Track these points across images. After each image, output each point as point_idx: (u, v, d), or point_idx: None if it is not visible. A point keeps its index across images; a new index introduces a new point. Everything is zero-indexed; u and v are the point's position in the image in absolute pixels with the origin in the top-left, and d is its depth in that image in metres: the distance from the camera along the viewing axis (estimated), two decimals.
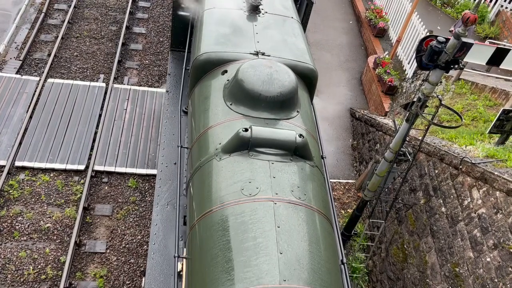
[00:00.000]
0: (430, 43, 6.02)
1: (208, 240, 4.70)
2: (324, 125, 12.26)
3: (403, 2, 13.12)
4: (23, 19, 13.41)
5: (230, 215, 4.71)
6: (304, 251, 4.45)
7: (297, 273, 4.21)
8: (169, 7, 14.77)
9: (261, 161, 5.10)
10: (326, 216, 5.19)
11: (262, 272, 4.16)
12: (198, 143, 5.83)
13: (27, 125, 10.59)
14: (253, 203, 4.71)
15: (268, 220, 4.55)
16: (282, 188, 4.88)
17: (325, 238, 4.89)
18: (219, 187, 5.02)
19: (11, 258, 8.49)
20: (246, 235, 4.47)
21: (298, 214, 4.76)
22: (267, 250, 4.31)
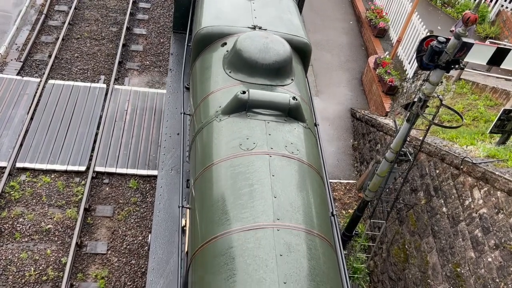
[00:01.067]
0: (431, 43, 6.02)
1: (209, 190, 5.15)
2: (324, 125, 12.26)
3: (404, 2, 13.12)
4: (23, 21, 13.42)
5: (229, 166, 5.15)
6: (296, 196, 4.91)
7: (289, 214, 4.67)
8: (170, 8, 14.78)
9: (257, 121, 5.54)
10: (318, 171, 5.63)
11: (258, 213, 4.63)
12: (199, 108, 6.23)
13: (28, 127, 10.60)
14: (250, 156, 5.17)
15: (263, 170, 5.01)
16: (277, 144, 5.33)
17: (316, 189, 5.32)
18: (219, 144, 5.46)
19: (12, 259, 8.49)
20: (244, 183, 4.93)
21: (291, 165, 5.21)
22: (263, 195, 4.78)
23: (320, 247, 4.69)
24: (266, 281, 4.16)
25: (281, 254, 4.35)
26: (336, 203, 10.68)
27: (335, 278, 4.69)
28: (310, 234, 4.68)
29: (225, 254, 4.51)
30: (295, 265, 4.32)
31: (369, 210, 9.64)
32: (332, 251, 4.99)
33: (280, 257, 4.32)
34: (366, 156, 11.36)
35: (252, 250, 4.40)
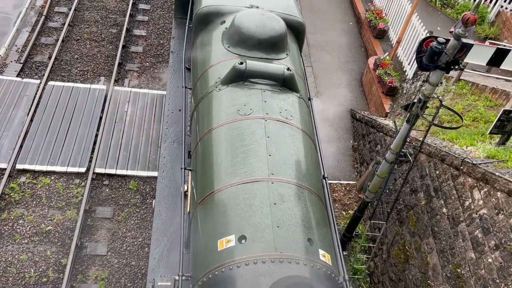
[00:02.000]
0: (430, 44, 6.02)
1: (209, 151, 5.61)
2: (324, 126, 12.26)
3: (403, 3, 13.12)
4: (23, 22, 13.43)
5: (228, 130, 5.63)
6: (290, 156, 5.38)
7: (283, 170, 5.15)
8: (169, 10, 14.79)
9: (254, 90, 6.00)
10: (311, 137, 6.08)
11: (254, 168, 5.10)
12: (200, 81, 6.68)
13: (28, 128, 10.60)
14: (247, 120, 5.64)
15: (259, 132, 5.48)
16: (272, 110, 5.79)
17: (309, 152, 5.76)
18: (219, 111, 5.92)
19: (12, 261, 8.49)
20: (241, 143, 5.40)
21: (285, 129, 5.66)
22: (259, 153, 5.25)
23: (310, 199, 5.17)
24: (261, 225, 4.59)
25: (275, 203, 4.80)
26: (336, 204, 10.68)
27: (323, 226, 5.16)
28: (301, 187, 5.15)
29: (223, 204, 4.95)
30: (287, 212, 4.77)
31: (369, 211, 9.63)
32: (322, 203, 5.43)
33: (274, 205, 4.77)
34: (366, 157, 11.36)
35: (248, 199, 4.85)
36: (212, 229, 4.85)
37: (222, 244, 4.64)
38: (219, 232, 4.76)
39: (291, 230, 4.63)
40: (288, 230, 4.62)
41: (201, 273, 4.71)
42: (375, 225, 9.65)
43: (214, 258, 4.63)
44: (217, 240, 4.70)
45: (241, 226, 4.65)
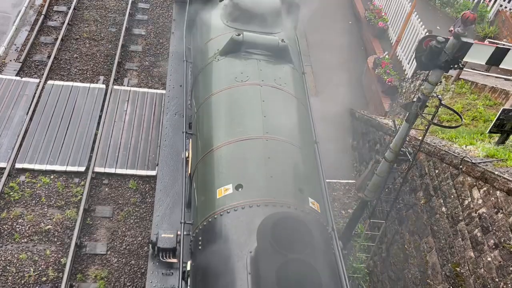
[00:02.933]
0: (430, 43, 6.02)
1: (209, 115, 6.05)
2: (323, 125, 12.24)
3: (403, 2, 13.12)
4: (22, 21, 13.41)
5: (226, 95, 6.09)
6: (283, 117, 5.79)
7: (277, 130, 5.58)
8: (169, 9, 14.77)
9: (250, 59, 6.43)
10: (303, 104, 6.49)
11: (250, 128, 5.58)
12: (200, 54, 7.16)
13: (27, 127, 10.59)
14: (244, 86, 6.08)
15: (255, 97, 5.92)
16: (267, 77, 6.23)
17: (301, 116, 6.19)
18: (218, 79, 6.40)
19: (12, 260, 8.48)
20: (238, 106, 5.88)
21: (279, 94, 6.12)
22: (254, 115, 5.72)
23: (302, 155, 5.64)
24: (256, 175, 5.08)
25: (269, 157, 5.27)
26: (335, 203, 10.68)
27: (313, 180, 5.64)
28: (293, 145, 5.61)
29: (221, 159, 5.40)
30: (280, 165, 5.24)
31: (368, 210, 9.64)
32: (312, 161, 5.94)
33: (268, 159, 5.24)
34: (366, 156, 11.36)
35: (245, 154, 5.31)
36: (211, 181, 5.31)
37: (221, 192, 5.12)
38: (217, 183, 5.22)
39: (283, 180, 5.10)
40: (280, 180, 5.08)
41: (201, 218, 5.11)
42: (375, 224, 9.65)
43: (213, 204, 5.08)
44: (216, 189, 5.15)
45: (238, 177, 5.12)
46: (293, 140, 5.64)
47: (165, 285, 5.74)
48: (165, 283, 5.73)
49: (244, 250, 4.50)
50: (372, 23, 14.27)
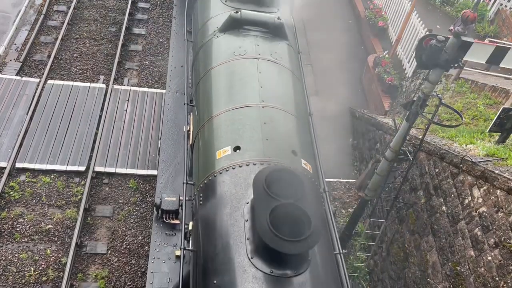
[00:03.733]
0: (430, 42, 6.02)
1: (209, 86, 6.44)
2: (324, 125, 12.24)
3: (402, 1, 13.12)
4: (22, 21, 13.41)
5: (225, 68, 6.49)
6: (279, 88, 6.25)
7: (272, 98, 5.97)
8: (169, 8, 14.76)
9: (248, 36, 6.85)
10: (298, 78, 6.90)
11: (248, 97, 5.97)
12: (200, 32, 7.57)
13: (27, 127, 10.60)
14: (242, 60, 6.49)
15: (252, 69, 6.30)
16: (264, 52, 6.64)
17: (296, 88, 6.58)
18: (217, 53, 6.79)
19: (12, 259, 8.49)
20: (236, 78, 6.25)
21: (274, 67, 6.52)
22: (251, 85, 6.10)
23: (296, 122, 6.03)
24: (253, 138, 5.50)
25: (265, 122, 5.67)
26: (335, 202, 10.69)
27: (307, 144, 6.09)
28: (288, 113, 5.99)
29: (220, 125, 5.83)
30: (275, 129, 5.65)
31: (368, 209, 9.64)
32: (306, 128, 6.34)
33: (264, 124, 5.63)
34: (366, 155, 11.37)
35: (242, 120, 5.74)
36: (211, 144, 5.76)
37: (220, 154, 5.53)
38: (217, 145, 5.65)
39: (277, 143, 5.50)
40: (275, 143, 5.48)
41: (202, 178, 5.55)
42: (375, 223, 9.65)
43: (213, 164, 5.49)
44: (216, 151, 5.58)
45: (236, 140, 5.53)
46: (287, 108, 6.02)
47: (168, 243, 6.16)
48: (168, 242, 6.16)
49: (242, 202, 4.88)
50: (372, 22, 14.27)
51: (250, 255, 4.40)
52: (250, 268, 4.33)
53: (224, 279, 4.44)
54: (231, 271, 4.41)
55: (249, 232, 4.57)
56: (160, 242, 6.18)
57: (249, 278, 4.28)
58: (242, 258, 4.43)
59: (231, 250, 4.56)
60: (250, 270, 4.32)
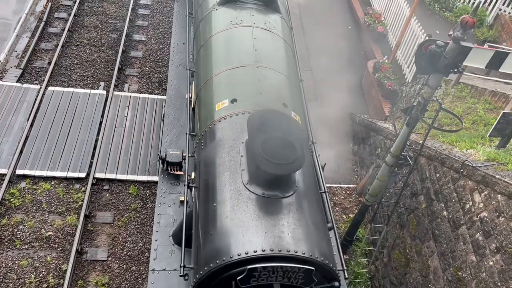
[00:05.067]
0: (429, 47, 6.03)
1: (209, 52, 7.13)
2: (324, 130, 12.26)
3: (402, 7, 13.16)
4: (23, 28, 13.46)
5: (223, 35, 7.20)
6: (272, 51, 6.95)
7: (265, 60, 6.64)
8: (169, 15, 14.82)
9: (244, 8, 7.57)
10: (290, 46, 7.63)
11: (243, 58, 6.64)
12: (201, 7, 8.26)
13: (28, 134, 10.60)
14: (238, 28, 7.20)
15: (248, 35, 7.03)
16: (258, 21, 7.34)
17: (287, 54, 7.30)
18: (216, 23, 7.49)
19: (13, 267, 8.47)
20: (233, 43, 6.99)
21: (268, 35, 7.23)
22: (247, 48, 6.75)
23: (287, 81, 6.69)
24: (248, 92, 6.13)
25: (259, 79, 6.32)
26: (336, 208, 10.67)
27: (296, 98, 6.74)
28: (279, 73, 6.66)
29: (219, 83, 6.48)
30: (268, 85, 6.29)
31: (369, 214, 9.62)
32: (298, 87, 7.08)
33: (258, 80, 6.29)
34: (366, 160, 11.36)
35: (238, 77, 6.39)
36: (211, 99, 6.39)
37: (219, 106, 6.17)
38: (216, 99, 6.29)
39: (270, 96, 6.13)
40: (267, 96, 6.11)
41: (204, 126, 6.21)
42: (376, 229, 9.63)
43: (213, 115, 6.14)
44: (215, 104, 6.24)
45: (233, 94, 6.18)
46: (279, 69, 6.72)
47: (173, 192, 6.85)
48: (173, 190, 6.85)
49: (238, 142, 5.56)
50: (371, 28, 14.31)
51: (245, 182, 5.09)
52: (245, 191, 5.02)
53: (222, 202, 5.09)
54: (228, 195, 5.08)
55: (244, 165, 5.27)
56: (166, 190, 6.88)
57: (243, 199, 4.96)
58: (238, 184, 5.11)
59: (228, 179, 5.23)
60: (245, 193, 5.01)
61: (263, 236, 4.66)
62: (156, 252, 6.15)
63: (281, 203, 4.97)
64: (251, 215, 4.85)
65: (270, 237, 4.65)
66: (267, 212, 4.87)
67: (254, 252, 4.55)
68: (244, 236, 4.69)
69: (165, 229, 6.41)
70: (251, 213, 4.86)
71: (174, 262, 6.05)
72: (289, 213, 4.91)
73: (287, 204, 4.97)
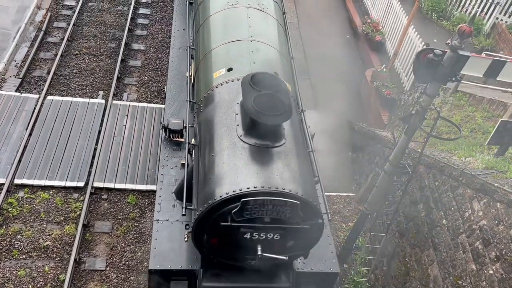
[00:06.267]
0: (427, 56, 6.06)
1: (208, 30, 7.82)
2: (323, 138, 12.26)
3: (399, 16, 13.25)
4: (22, 38, 13.50)
5: (220, 15, 7.83)
6: (264, 28, 7.69)
7: (259, 36, 7.36)
8: (168, 24, 14.89)
9: None
10: (282, 26, 8.31)
11: (239, 34, 7.31)
12: None
13: (26, 143, 10.59)
14: (234, 8, 7.87)
15: (243, 15, 7.69)
16: (252, 3, 8.01)
17: (279, 32, 7.96)
18: (214, 5, 8.12)
19: (10, 277, 8.41)
20: (229, 22, 7.66)
21: (262, 14, 7.90)
22: (242, 25, 7.49)
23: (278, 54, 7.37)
24: (243, 63, 6.79)
25: (252, 51, 7.04)
26: (335, 216, 10.64)
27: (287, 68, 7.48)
28: (271, 47, 7.33)
29: (217, 56, 7.18)
30: (261, 56, 6.96)
31: (369, 223, 9.60)
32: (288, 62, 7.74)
33: (251, 52, 6.99)
34: (365, 168, 11.36)
35: (235, 50, 7.09)
36: (209, 69, 7.06)
37: (216, 74, 6.80)
38: (214, 69, 6.96)
39: (263, 65, 6.69)
40: (261, 65, 6.70)
41: (203, 92, 6.83)
42: (375, 237, 9.60)
43: (211, 82, 6.80)
44: (213, 73, 6.89)
45: (229, 64, 6.83)
46: (271, 43, 7.39)
47: (175, 156, 7.55)
48: (175, 155, 7.53)
49: (233, 103, 6.19)
50: (369, 37, 14.38)
51: (239, 135, 5.75)
52: (239, 142, 5.68)
53: (220, 152, 5.74)
54: (225, 146, 5.74)
55: (239, 121, 5.90)
56: (168, 155, 7.55)
57: (238, 149, 5.63)
58: (233, 137, 5.76)
59: (225, 133, 5.90)
60: (239, 144, 5.67)
61: (255, 176, 5.33)
62: (160, 206, 6.88)
63: (272, 151, 5.63)
64: (245, 161, 5.50)
65: (261, 177, 5.31)
66: (259, 159, 5.54)
67: (247, 188, 5.21)
68: (238, 177, 5.35)
69: (168, 187, 7.12)
70: (245, 160, 5.51)
71: (176, 214, 6.81)
72: (278, 160, 5.58)
73: (276, 152, 5.64)
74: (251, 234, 5.40)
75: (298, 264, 6.44)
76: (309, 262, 6.43)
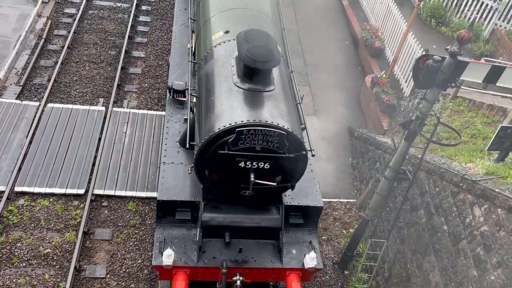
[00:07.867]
0: (427, 62, 6.08)
1: (207, 8, 8.47)
2: (323, 145, 12.28)
3: (399, 22, 13.29)
4: (23, 45, 13.54)
5: None
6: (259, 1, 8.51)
7: (254, 5, 8.19)
8: (168, 31, 14.95)
9: None
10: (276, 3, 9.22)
11: (235, 3, 8.14)
12: None
13: (26, 150, 10.59)
14: None
15: None
16: None
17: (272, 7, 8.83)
18: None
19: (10, 285, 8.38)
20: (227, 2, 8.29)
21: None
22: (239, 5, 8.11)
23: (271, 22, 8.24)
24: (239, 25, 7.41)
25: (247, 17, 7.83)
26: (336, 223, 10.62)
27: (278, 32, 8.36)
28: (264, 14, 8.21)
29: (215, 21, 7.99)
30: (255, 22, 7.71)
31: (369, 229, 9.58)
32: (279, 30, 8.62)
33: (246, 18, 7.83)
34: (366, 174, 11.35)
35: (231, 16, 7.92)
36: (209, 32, 7.90)
37: (215, 36, 7.63)
38: (213, 31, 7.80)
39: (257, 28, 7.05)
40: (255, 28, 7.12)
41: (204, 52, 7.64)
42: (376, 244, 9.58)
43: (211, 42, 7.61)
44: (212, 35, 7.72)
45: (226, 27, 7.64)
46: (264, 12, 8.25)
47: (178, 113, 8.25)
48: (178, 112, 8.25)
49: (230, 58, 7.00)
50: (369, 43, 14.43)
51: (234, 81, 6.57)
52: (234, 87, 6.52)
53: (218, 95, 6.56)
54: (223, 91, 6.57)
55: (234, 71, 6.71)
56: (172, 112, 8.28)
57: (233, 93, 6.47)
58: (230, 84, 6.59)
59: (222, 81, 6.72)
60: (235, 89, 6.50)
61: (248, 113, 6.17)
62: (166, 151, 7.61)
63: (263, 95, 6.48)
64: (239, 102, 6.33)
65: (253, 114, 6.15)
66: (252, 100, 6.39)
67: (241, 121, 6.02)
68: (234, 114, 6.17)
69: (172, 137, 7.82)
70: (240, 101, 6.34)
71: (180, 158, 7.54)
72: (268, 101, 6.42)
73: (267, 96, 6.49)
74: (245, 163, 6.19)
75: (286, 199, 7.18)
76: (296, 198, 7.21)
